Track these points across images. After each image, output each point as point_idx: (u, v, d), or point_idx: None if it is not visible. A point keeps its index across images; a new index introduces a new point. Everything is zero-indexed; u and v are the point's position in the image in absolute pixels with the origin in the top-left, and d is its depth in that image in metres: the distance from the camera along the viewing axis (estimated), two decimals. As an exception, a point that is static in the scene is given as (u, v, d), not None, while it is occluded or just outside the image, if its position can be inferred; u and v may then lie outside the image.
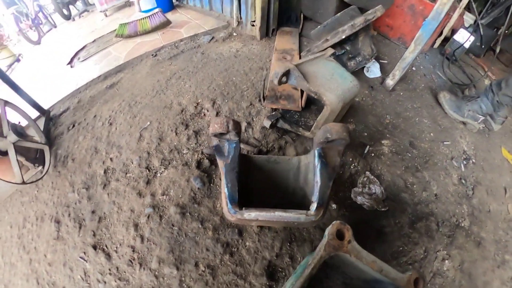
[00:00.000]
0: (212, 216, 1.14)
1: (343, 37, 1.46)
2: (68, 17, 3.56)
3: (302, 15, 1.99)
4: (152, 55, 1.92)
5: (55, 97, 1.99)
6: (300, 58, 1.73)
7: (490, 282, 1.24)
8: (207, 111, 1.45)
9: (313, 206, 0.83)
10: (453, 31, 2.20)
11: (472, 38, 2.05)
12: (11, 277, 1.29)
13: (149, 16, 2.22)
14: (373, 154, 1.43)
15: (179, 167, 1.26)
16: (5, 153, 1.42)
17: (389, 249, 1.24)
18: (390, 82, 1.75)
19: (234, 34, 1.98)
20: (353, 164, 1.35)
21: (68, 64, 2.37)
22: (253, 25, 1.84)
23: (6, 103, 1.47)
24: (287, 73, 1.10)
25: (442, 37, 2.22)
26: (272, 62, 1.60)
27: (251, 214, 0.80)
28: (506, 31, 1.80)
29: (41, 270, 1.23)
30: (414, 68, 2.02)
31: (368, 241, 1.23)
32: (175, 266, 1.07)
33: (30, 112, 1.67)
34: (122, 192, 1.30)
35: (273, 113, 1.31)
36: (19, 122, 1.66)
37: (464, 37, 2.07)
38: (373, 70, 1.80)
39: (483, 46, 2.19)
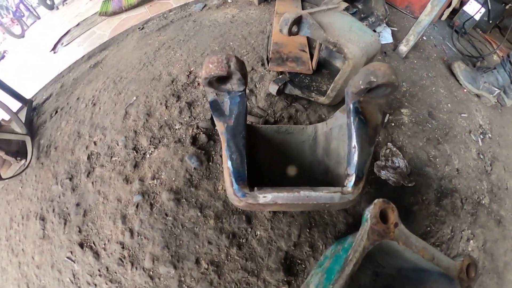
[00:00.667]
0: (213, 201, 0.86)
1: (356, -10, 1.15)
2: (51, 7, 3.14)
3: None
4: (139, 28, 1.58)
5: (39, 86, 1.69)
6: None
7: (510, 263, 1.08)
8: (202, 79, 1.14)
9: (351, 180, 0.55)
10: (462, 3, 1.91)
11: (483, 10, 1.76)
12: (3, 283, 1.08)
13: (134, -10, 1.87)
14: (393, 124, 1.16)
15: (171, 145, 0.96)
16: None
17: (418, 230, 1.01)
18: (403, 48, 1.46)
19: (229, 0, 1.65)
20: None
21: (51, 50, 2.02)
22: (250, -11, 1.52)
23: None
24: (298, 21, 0.80)
25: (450, 9, 1.91)
26: (273, 25, 1.28)
27: (267, 197, 0.52)
28: None
29: (30, 273, 1.02)
30: (424, 38, 1.74)
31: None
32: (172, 264, 0.81)
33: (13, 104, 1.39)
34: (108, 179, 1.02)
35: (280, 76, 1.01)
36: (-6, 114, 1.36)
37: (474, 9, 1.77)
38: (385, 36, 1.50)
39: (490, 22, 1.91)
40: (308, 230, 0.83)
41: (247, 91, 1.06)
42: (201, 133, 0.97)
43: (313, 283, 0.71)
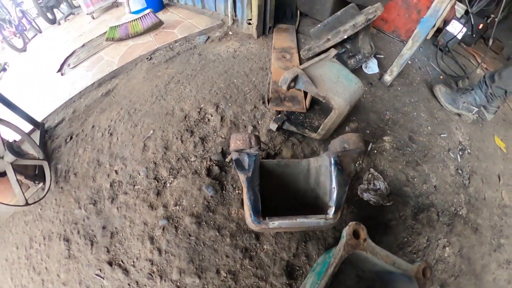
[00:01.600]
0: (228, 223, 1.15)
1: (345, 37, 1.49)
2: (53, 21, 3.36)
3: (298, 11, 1.99)
4: (147, 58, 1.87)
5: (48, 108, 1.90)
6: (299, 56, 1.75)
7: (487, 265, 1.34)
8: (211, 116, 1.44)
9: (331, 210, 0.88)
10: (445, 22, 2.25)
11: (464, 30, 2.10)
12: (23, 300, 1.25)
13: (140, 18, 2.13)
14: (375, 151, 1.47)
15: (188, 175, 1.26)
16: (2, 174, 1.35)
17: (395, 241, 1.29)
18: (388, 78, 1.79)
19: (230, 33, 1.95)
20: (358, 162, 1.41)
21: (58, 71, 2.25)
22: (249, 24, 1.82)
23: (-1, 120, 1.40)
24: (295, 79, 1.13)
25: (434, 29, 2.24)
26: (271, 61, 1.60)
27: (274, 223, 0.85)
28: (496, 19, 1.87)
29: None
30: (409, 62, 2.05)
31: (376, 235, 1.32)
32: (196, 275, 1.08)
33: (23, 126, 1.60)
34: (132, 205, 1.28)
35: (279, 115, 1.33)
36: (15, 141, 1.60)
37: (456, 28, 2.11)
38: (371, 67, 1.85)
39: (474, 35, 2.23)
40: (304, 244, 1.14)
41: (252, 127, 1.36)
42: (214, 165, 1.28)
43: (308, 283, 1.03)
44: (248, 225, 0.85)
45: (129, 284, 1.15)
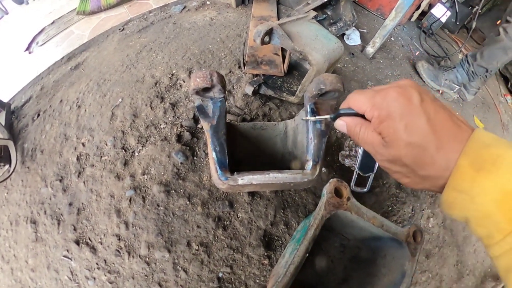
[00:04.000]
0: (199, 190, 0.99)
1: (325, 0, 1.34)
2: (20, 1, 3.04)
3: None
4: (119, 29, 1.65)
5: (15, 88, 1.67)
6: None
7: (468, 237, 1.31)
8: (183, 81, 1.26)
9: (309, 164, 0.72)
10: (430, 6, 2.16)
11: (448, 13, 2.03)
12: (-6, 292, 1.09)
13: (112, -10, 1.92)
14: (358, 118, 1.37)
15: (157, 143, 1.08)
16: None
17: (379, 209, 1.21)
18: (370, 49, 1.68)
19: (208, 2, 1.76)
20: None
21: (25, 50, 2.02)
22: (227, -8, 1.65)
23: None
24: (269, 32, 0.96)
25: (419, 11, 2.15)
26: (250, 28, 1.43)
27: (244, 179, 0.68)
28: (480, 11, 1.81)
29: (25, 278, 1.06)
30: (392, 39, 1.97)
31: (360, 201, 1.20)
32: (166, 249, 0.93)
33: None
34: (99, 177, 1.11)
35: (255, 79, 1.18)
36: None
37: (441, 12, 2.04)
38: (354, 38, 1.71)
39: (458, 23, 2.19)
40: (282, 211, 1.00)
41: (226, 92, 1.21)
42: (185, 131, 1.10)
43: (288, 252, 0.89)
44: (215, 184, 0.68)
45: (97, 263, 0.99)
